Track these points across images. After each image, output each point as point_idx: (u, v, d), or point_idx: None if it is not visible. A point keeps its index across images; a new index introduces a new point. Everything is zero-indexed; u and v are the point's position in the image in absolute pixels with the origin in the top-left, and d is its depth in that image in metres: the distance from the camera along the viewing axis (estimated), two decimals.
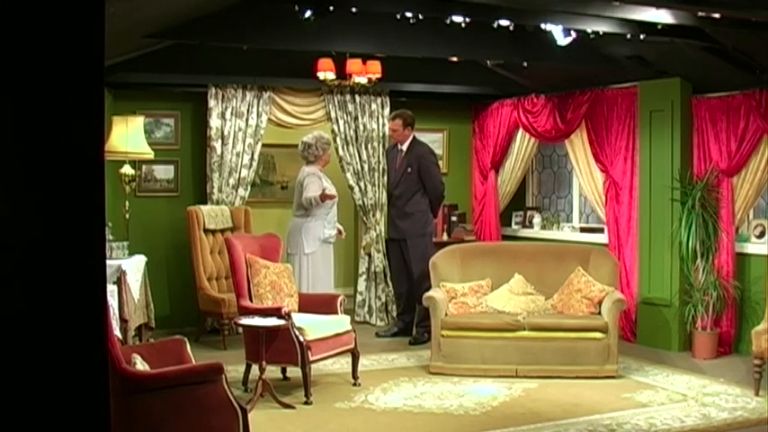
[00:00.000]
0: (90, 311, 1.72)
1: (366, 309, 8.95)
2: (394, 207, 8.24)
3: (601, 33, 6.29)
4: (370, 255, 8.94)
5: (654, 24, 5.88)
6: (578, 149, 8.61)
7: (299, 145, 7.65)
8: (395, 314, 8.60)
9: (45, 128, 1.66)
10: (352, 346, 6.34)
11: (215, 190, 8.33)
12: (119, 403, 3.85)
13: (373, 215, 8.90)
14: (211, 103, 8.31)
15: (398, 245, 8.17)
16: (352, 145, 8.84)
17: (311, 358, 5.92)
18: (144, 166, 8.30)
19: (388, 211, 8.51)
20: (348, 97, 8.82)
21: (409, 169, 8.04)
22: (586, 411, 5.63)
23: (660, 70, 7.55)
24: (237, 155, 8.37)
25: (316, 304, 6.55)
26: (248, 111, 8.42)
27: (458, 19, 5.96)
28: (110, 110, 7.63)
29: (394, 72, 8.00)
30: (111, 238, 6.78)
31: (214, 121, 8.31)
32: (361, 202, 8.84)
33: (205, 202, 8.31)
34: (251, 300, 6.50)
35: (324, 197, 7.36)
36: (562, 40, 6.45)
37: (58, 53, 1.66)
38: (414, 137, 8.20)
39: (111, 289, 6.20)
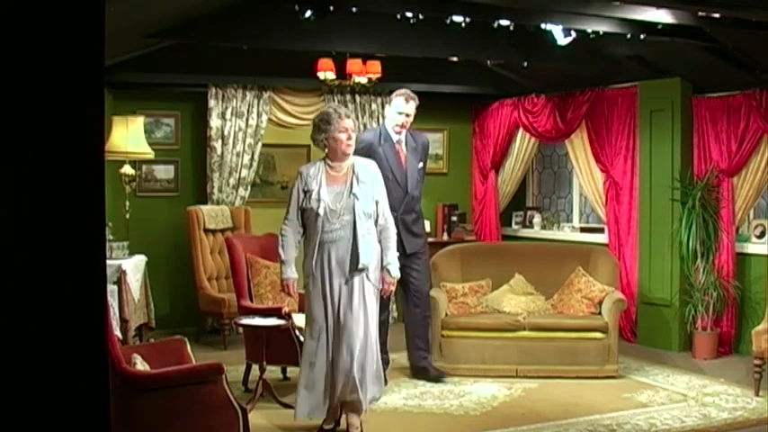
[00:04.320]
0: (90, 311, 1.72)
1: None
2: (410, 213, 6.38)
3: (601, 33, 6.29)
4: None
5: (654, 24, 5.88)
6: (578, 149, 8.61)
7: None
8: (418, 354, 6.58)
9: (45, 128, 1.66)
10: None
11: (215, 190, 8.33)
12: (119, 403, 3.85)
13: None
14: (211, 102, 8.32)
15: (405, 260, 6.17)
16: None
17: None
18: (144, 166, 8.30)
19: (399, 221, 6.06)
20: (348, 97, 8.82)
21: (421, 164, 6.48)
22: (586, 411, 5.63)
23: (660, 70, 7.55)
24: (237, 155, 8.38)
25: None
26: (248, 111, 8.43)
27: (458, 19, 5.95)
28: (110, 110, 7.64)
29: (394, 72, 7.99)
30: (111, 238, 6.78)
31: (214, 121, 8.31)
32: None
33: (205, 202, 8.32)
34: (251, 300, 6.50)
35: (283, 287, 5.27)
36: (562, 40, 6.45)
37: (58, 53, 1.66)
38: None
39: (112, 289, 6.21)
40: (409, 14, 5.89)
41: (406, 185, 6.32)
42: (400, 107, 6.32)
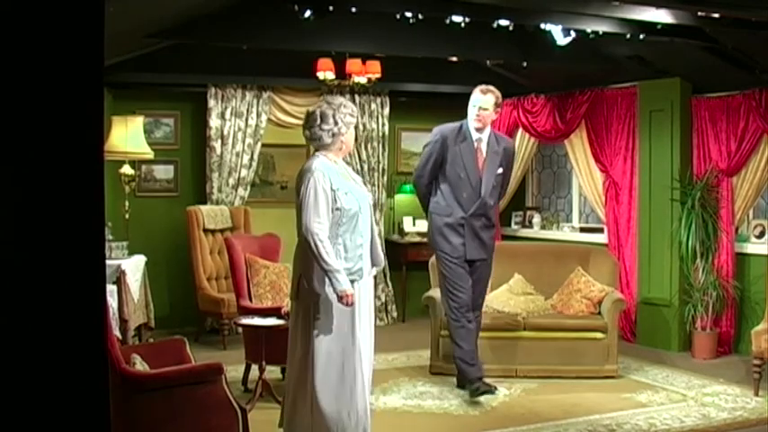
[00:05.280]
0: (89, 312, 1.72)
1: None
2: (480, 218, 6.01)
3: (600, 33, 6.30)
4: None
5: (653, 24, 5.89)
6: (578, 149, 8.61)
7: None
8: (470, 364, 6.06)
9: (44, 128, 1.66)
10: None
11: (214, 190, 8.33)
12: (119, 403, 3.85)
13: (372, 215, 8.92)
14: (211, 102, 8.32)
15: (468, 266, 6.07)
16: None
17: None
18: (143, 166, 8.30)
19: (467, 224, 5.97)
20: (348, 97, 8.81)
21: (500, 170, 6.06)
22: (586, 411, 5.63)
23: (660, 70, 7.55)
24: (237, 155, 8.38)
25: None
26: (248, 110, 8.43)
27: (457, 19, 5.96)
28: (109, 110, 7.64)
29: (393, 72, 7.99)
30: (110, 238, 6.78)
31: (214, 121, 8.31)
32: None
33: (205, 202, 8.32)
34: (250, 300, 6.51)
35: (345, 300, 4.37)
36: (562, 40, 6.46)
37: (58, 53, 1.66)
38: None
39: (111, 289, 6.21)
40: (409, 14, 5.89)
41: (479, 188, 5.93)
42: (475, 100, 5.97)
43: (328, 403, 4.40)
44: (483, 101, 5.94)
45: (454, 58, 7.87)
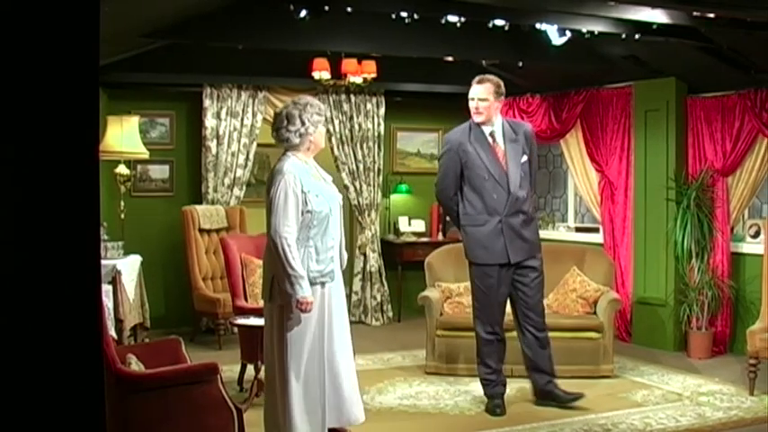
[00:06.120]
0: (85, 311, 1.72)
1: (361, 308, 8.97)
2: (517, 216, 5.57)
3: (596, 33, 6.30)
4: (365, 254, 8.96)
5: (649, 24, 5.89)
6: (573, 149, 8.62)
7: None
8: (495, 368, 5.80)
9: (40, 127, 1.66)
10: None
11: (210, 190, 8.32)
12: (114, 403, 3.84)
13: (368, 215, 8.93)
14: (206, 102, 8.31)
15: (512, 270, 5.63)
16: (348, 145, 8.85)
17: None
18: (139, 166, 8.29)
19: (505, 225, 5.53)
20: (343, 97, 8.83)
21: (525, 157, 5.60)
22: (582, 411, 5.63)
23: (655, 70, 7.56)
24: (233, 154, 8.37)
25: None
26: (243, 110, 8.42)
27: (453, 19, 5.96)
28: (105, 109, 7.63)
29: (389, 72, 8.00)
30: (106, 237, 6.77)
31: (209, 121, 8.31)
32: (356, 201, 8.87)
33: (200, 202, 8.31)
34: (246, 299, 6.50)
35: (303, 307, 4.38)
36: (557, 40, 6.46)
37: (53, 53, 1.66)
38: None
39: (107, 289, 6.20)
40: (404, 14, 5.88)
41: (507, 185, 5.49)
42: (472, 92, 5.55)
43: (299, 402, 4.45)
44: (480, 91, 5.53)
45: (450, 58, 7.87)
